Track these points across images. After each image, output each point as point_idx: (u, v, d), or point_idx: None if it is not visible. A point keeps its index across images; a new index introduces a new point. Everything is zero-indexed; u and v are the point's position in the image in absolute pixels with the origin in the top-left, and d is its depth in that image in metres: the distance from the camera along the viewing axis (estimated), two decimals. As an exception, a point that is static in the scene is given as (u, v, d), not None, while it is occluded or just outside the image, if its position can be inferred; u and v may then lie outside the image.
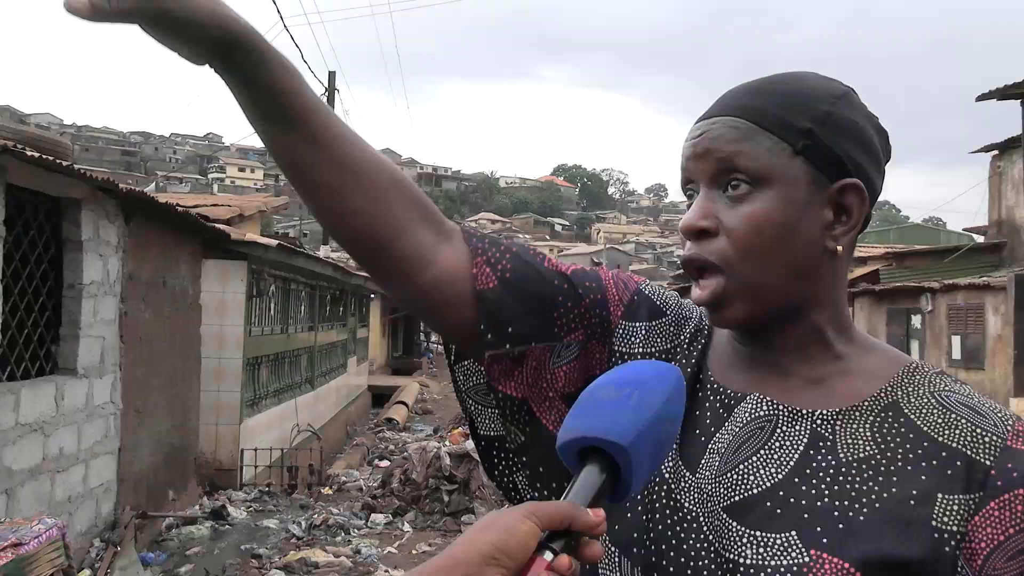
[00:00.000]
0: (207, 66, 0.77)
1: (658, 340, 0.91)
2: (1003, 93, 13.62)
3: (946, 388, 0.80)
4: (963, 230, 24.69)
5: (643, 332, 0.91)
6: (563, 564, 0.61)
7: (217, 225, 8.60)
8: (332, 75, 18.79)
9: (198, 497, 8.23)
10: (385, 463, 10.89)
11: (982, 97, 13.98)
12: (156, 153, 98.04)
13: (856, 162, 0.81)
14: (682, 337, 0.91)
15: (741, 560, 0.76)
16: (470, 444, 8.64)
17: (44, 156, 4.79)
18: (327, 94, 18.41)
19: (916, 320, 14.65)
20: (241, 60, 0.76)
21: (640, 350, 0.91)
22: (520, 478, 0.93)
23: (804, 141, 0.80)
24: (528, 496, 0.93)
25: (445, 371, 27.43)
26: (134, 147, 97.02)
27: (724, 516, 0.78)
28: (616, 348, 0.91)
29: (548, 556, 0.61)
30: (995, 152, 15.31)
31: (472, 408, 0.94)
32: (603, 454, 0.66)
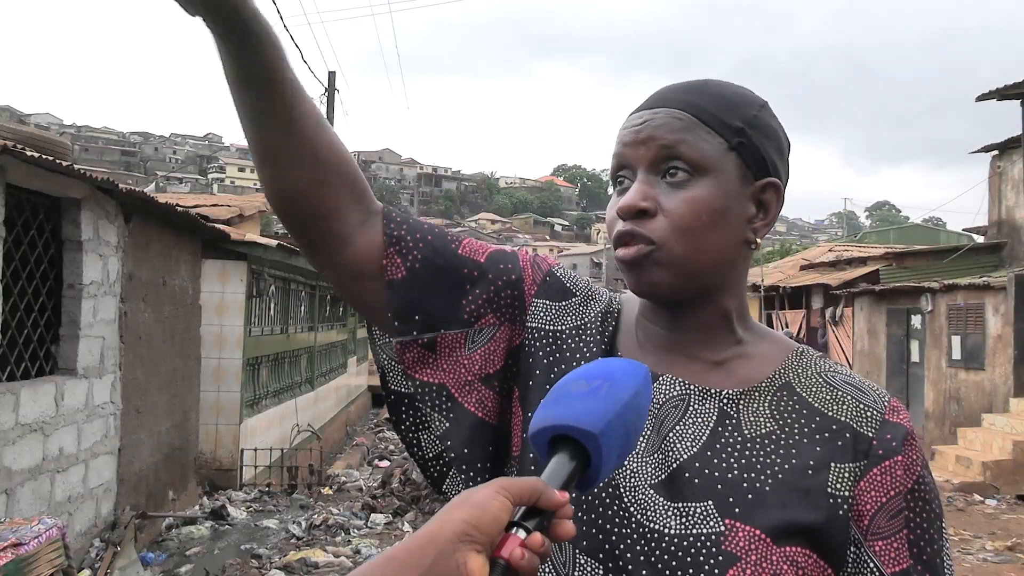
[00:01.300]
0: (198, 18, 0.78)
1: (568, 318, 0.95)
2: (1003, 93, 13.61)
3: (830, 369, 0.90)
4: (963, 230, 24.68)
5: (554, 310, 0.95)
6: (536, 541, 0.62)
7: (217, 225, 8.60)
8: (332, 75, 18.79)
9: (198, 497, 8.24)
10: (385, 463, 10.89)
11: (982, 97, 13.97)
12: (156, 153, 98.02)
13: (775, 164, 0.90)
14: (591, 316, 0.96)
15: (665, 530, 0.81)
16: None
17: (44, 156, 4.79)
18: (327, 94, 18.41)
19: (916, 320, 14.65)
20: (239, 29, 0.78)
21: (551, 327, 0.94)
22: (424, 436, 0.95)
23: (738, 139, 0.87)
24: (431, 456, 0.95)
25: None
26: (134, 147, 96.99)
27: (651, 492, 0.83)
28: (530, 324, 0.94)
29: (521, 534, 0.62)
30: (995, 152, 15.30)
31: (385, 362, 0.95)
32: (573, 442, 0.68)
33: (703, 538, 0.80)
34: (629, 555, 0.81)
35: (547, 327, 0.94)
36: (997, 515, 8.98)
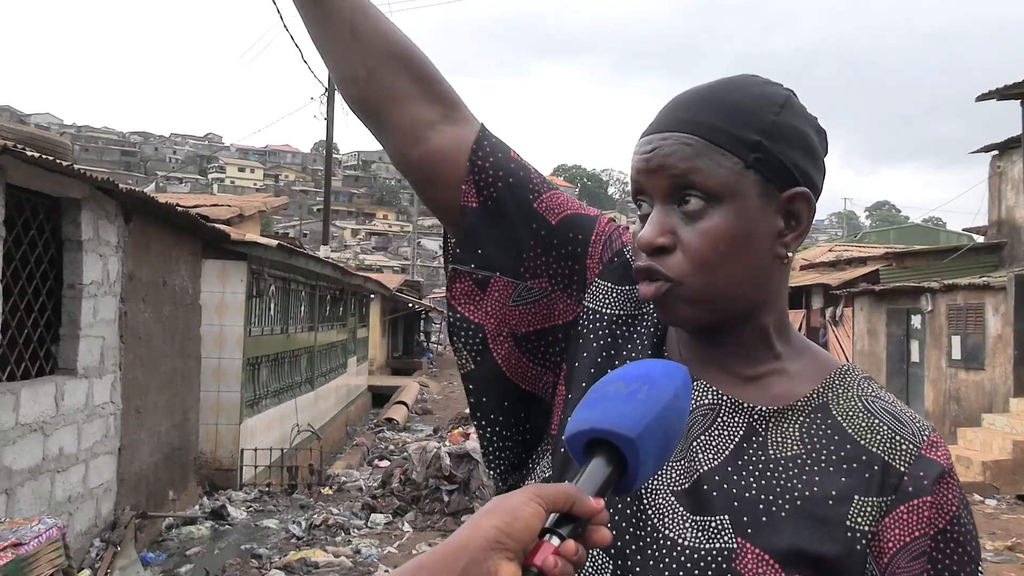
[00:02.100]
0: None
1: (627, 304, 0.92)
2: (1003, 93, 13.61)
3: (873, 393, 0.85)
4: (963, 230, 24.68)
5: (615, 293, 0.92)
6: (570, 549, 0.60)
7: (217, 225, 8.60)
8: (332, 75, 18.78)
9: (198, 497, 8.23)
10: (385, 463, 10.89)
11: (982, 97, 13.97)
12: (156, 153, 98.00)
13: (802, 170, 0.84)
14: (648, 307, 0.92)
15: (680, 540, 0.79)
16: (470, 444, 8.64)
17: (44, 156, 4.79)
18: (327, 94, 18.41)
19: (916, 320, 14.65)
20: None
21: (608, 310, 0.92)
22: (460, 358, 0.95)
23: (754, 154, 0.81)
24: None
25: (445, 371, 27.48)
26: (134, 147, 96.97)
27: (672, 499, 0.81)
28: (587, 304, 0.92)
29: (555, 541, 0.60)
30: (995, 152, 15.31)
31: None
32: (610, 446, 0.66)
33: (715, 552, 0.78)
34: (640, 558, 0.80)
35: (603, 310, 0.92)
36: (997, 515, 8.98)
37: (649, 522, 0.81)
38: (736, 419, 0.84)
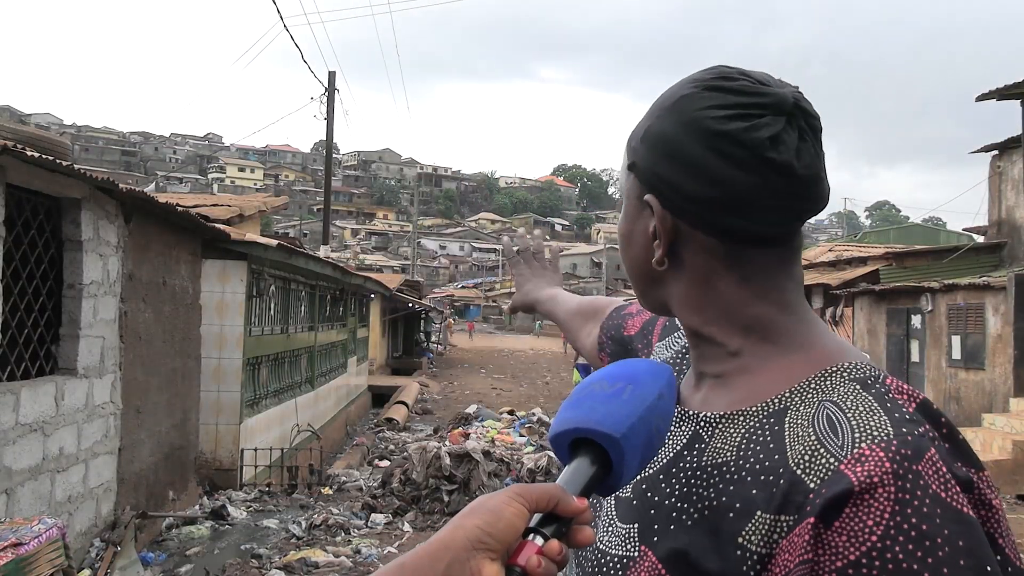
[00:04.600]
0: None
1: (674, 345, 1.03)
2: (1003, 93, 13.61)
3: (839, 400, 0.72)
4: (963, 230, 24.68)
5: (668, 344, 1.04)
6: (553, 548, 0.60)
7: (217, 225, 8.60)
8: (332, 75, 18.78)
9: (198, 497, 8.23)
10: (385, 463, 10.88)
11: (982, 97, 13.97)
12: (156, 153, 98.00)
13: (660, 176, 0.80)
14: (682, 343, 1.02)
15: (599, 544, 0.82)
16: (470, 444, 8.65)
17: (44, 156, 4.79)
18: (327, 94, 18.40)
19: (916, 320, 14.65)
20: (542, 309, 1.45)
21: (668, 355, 1.02)
22: None
23: (632, 159, 0.84)
24: None
25: (445, 371, 27.48)
26: (134, 147, 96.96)
27: (612, 503, 0.84)
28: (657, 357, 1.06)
29: (539, 541, 0.60)
30: (995, 152, 15.31)
31: None
32: (594, 446, 0.66)
33: (616, 560, 0.79)
34: (579, 563, 0.84)
35: (662, 356, 1.03)
36: (997, 515, 8.98)
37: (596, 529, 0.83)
38: (682, 428, 0.83)
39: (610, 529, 0.82)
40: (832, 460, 0.67)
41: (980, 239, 17.79)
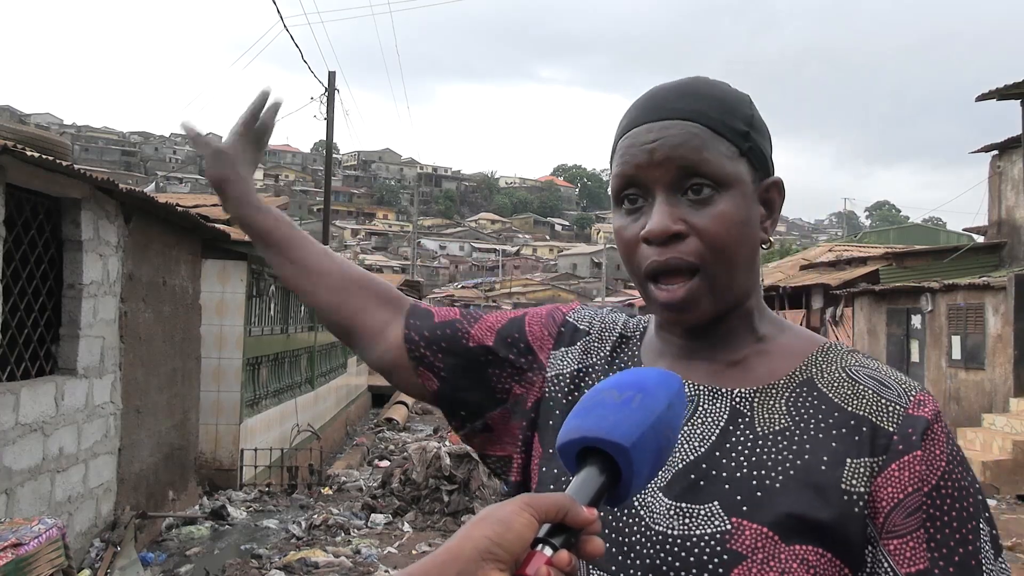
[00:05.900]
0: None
1: (586, 356, 0.98)
2: (1003, 93, 13.62)
3: (856, 363, 0.87)
4: (963, 230, 24.69)
5: (571, 354, 0.99)
6: (563, 559, 0.59)
7: (217, 225, 8.59)
8: (332, 75, 18.77)
9: (198, 497, 8.23)
10: (385, 463, 10.88)
11: (982, 97, 13.98)
12: (156, 153, 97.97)
13: (772, 161, 0.91)
14: (606, 349, 0.98)
15: (668, 531, 0.81)
16: (470, 444, 8.61)
17: (44, 156, 4.79)
18: (327, 94, 18.40)
19: (916, 320, 14.64)
20: (246, 217, 1.13)
21: (569, 368, 0.98)
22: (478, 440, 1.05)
23: (747, 144, 0.86)
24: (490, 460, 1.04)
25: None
26: (134, 147, 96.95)
27: (659, 495, 0.83)
28: (548, 373, 0.99)
29: (548, 551, 0.59)
30: (995, 152, 15.31)
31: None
32: (603, 455, 0.65)
33: (707, 538, 0.79)
34: (638, 561, 0.81)
35: (565, 370, 0.98)
36: (997, 515, 8.98)
37: (643, 522, 0.82)
38: (717, 405, 0.86)
39: (671, 514, 0.81)
40: (899, 407, 0.81)
41: (980, 239, 17.79)
